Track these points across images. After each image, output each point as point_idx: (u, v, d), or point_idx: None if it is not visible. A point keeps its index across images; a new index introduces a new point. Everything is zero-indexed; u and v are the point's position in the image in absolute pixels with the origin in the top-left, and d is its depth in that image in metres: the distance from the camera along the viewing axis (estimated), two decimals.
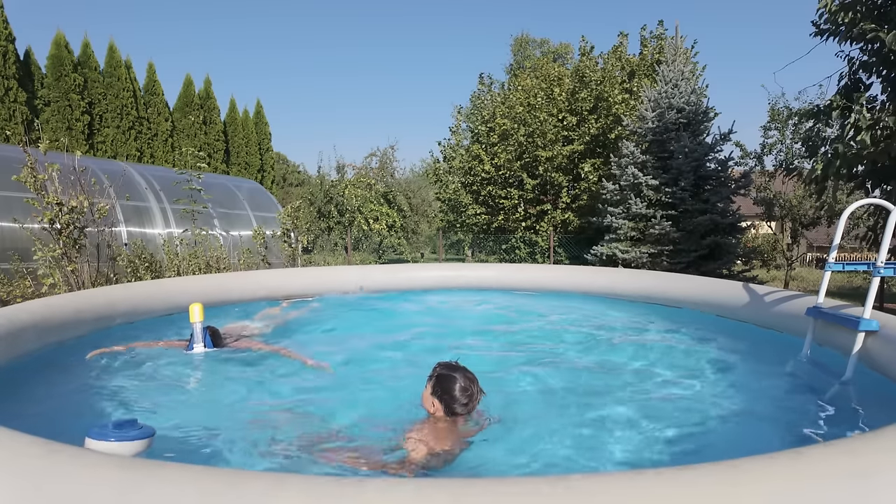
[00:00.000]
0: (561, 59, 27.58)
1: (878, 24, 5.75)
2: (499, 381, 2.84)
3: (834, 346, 2.86)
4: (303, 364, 3.06)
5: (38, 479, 0.99)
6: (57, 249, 5.06)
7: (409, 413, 2.19)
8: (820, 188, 6.98)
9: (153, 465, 0.99)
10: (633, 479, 0.96)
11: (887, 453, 1.12)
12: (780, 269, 15.02)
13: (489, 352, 3.63)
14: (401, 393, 2.48)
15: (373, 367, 3.20)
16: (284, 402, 2.59)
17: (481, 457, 1.92)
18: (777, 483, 0.98)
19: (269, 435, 2.06)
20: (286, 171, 29.26)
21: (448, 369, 2.08)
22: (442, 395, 2.02)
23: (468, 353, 3.33)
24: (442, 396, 2.02)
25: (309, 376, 2.94)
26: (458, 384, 2.02)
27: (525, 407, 2.51)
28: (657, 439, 2.12)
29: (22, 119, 12.16)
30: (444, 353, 3.07)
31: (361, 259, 16.74)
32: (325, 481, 0.95)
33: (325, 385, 2.84)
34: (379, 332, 4.13)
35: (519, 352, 3.66)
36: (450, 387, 2.02)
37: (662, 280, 5.05)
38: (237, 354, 3.24)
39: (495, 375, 2.78)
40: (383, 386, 2.82)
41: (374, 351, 3.53)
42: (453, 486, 0.96)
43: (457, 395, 2.01)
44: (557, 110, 15.29)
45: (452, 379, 2.04)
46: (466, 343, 3.82)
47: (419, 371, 2.31)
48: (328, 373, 2.96)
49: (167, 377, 2.85)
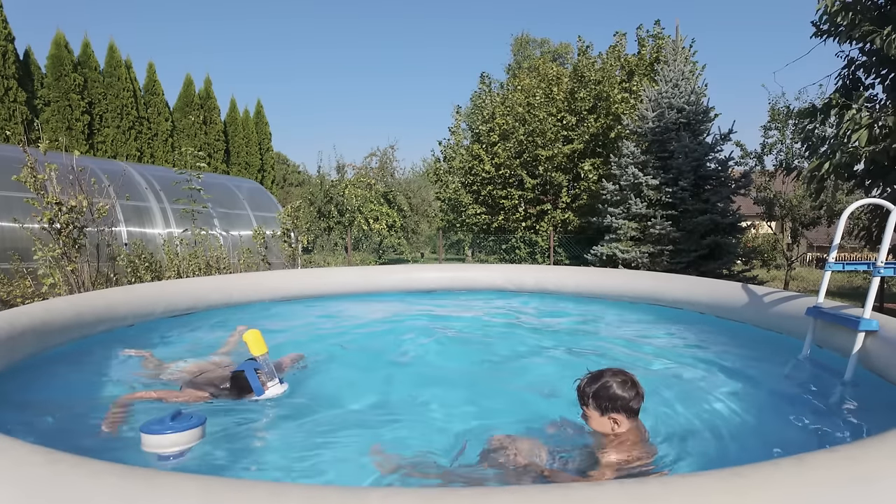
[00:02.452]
0: (561, 58, 27.58)
1: (878, 25, 5.74)
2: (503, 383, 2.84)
3: (834, 346, 2.86)
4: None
5: (39, 489, 0.99)
6: (57, 249, 5.05)
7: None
8: (818, 187, 6.97)
9: (154, 475, 0.99)
10: (638, 488, 0.96)
11: (890, 459, 1.11)
12: (780, 269, 15.02)
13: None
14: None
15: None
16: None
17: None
18: (781, 490, 0.98)
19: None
20: (286, 171, 29.25)
21: (593, 382, 1.88)
22: (613, 403, 1.82)
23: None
24: (614, 405, 1.82)
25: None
26: (614, 383, 1.84)
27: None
28: (658, 441, 2.11)
29: (22, 119, 12.14)
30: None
31: (361, 259, 16.73)
32: (327, 490, 0.95)
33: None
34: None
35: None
36: (612, 393, 1.82)
37: (662, 280, 5.05)
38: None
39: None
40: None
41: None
42: (457, 495, 0.96)
43: (625, 394, 1.82)
44: (557, 110, 15.29)
45: (606, 385, 1.84)
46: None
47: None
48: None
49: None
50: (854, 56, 6.60)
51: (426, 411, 2.50)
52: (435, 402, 2.59)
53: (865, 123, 5.74)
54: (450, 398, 2.65)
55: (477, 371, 3.23)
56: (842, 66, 6.75)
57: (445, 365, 3.39)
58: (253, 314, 4.76)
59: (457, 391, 2.77)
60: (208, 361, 2.92)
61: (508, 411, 2.48)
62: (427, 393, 2.71)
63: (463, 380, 3.00)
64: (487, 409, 2.52)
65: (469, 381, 2.97)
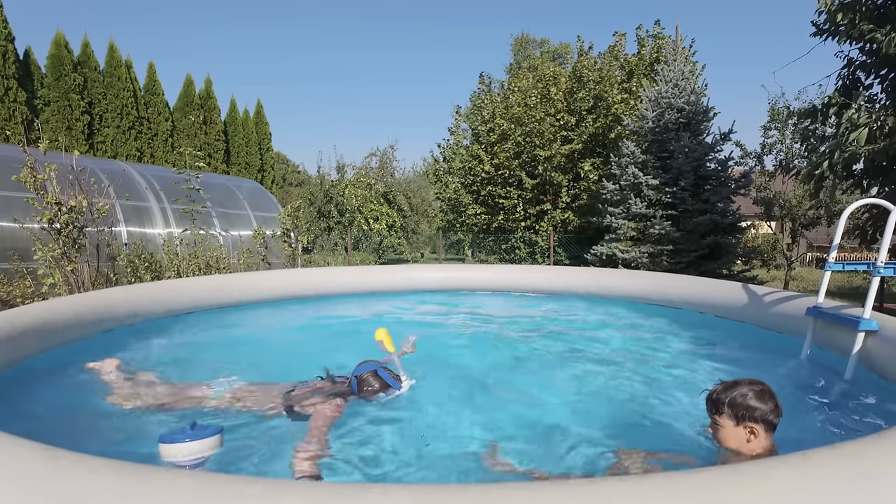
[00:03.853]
0: (560, 58, 27.58)
1: (878, 25, 5.74)
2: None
3: (834, 346, 2.85)
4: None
5: (37, 485, 0.98)
6: (56, 249, 5.05)
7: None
8: (818, 187, 6.97)
9: (151, 471, 0.98)
10: (641, 484, 0.96)
11: (892, 456, 1.11)
12: (779, 269, 15.02)
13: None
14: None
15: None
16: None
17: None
18: (783, 486, 0.98)
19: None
20: (286, 171, 29.26)
21: (729, 390, 1.78)
22: (751, 413, 1.71)
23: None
24: (752, 415, 1.71)
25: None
26: (751, 392, 1.73)
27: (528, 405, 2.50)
28: (657, 441, 2.11)
29: (22, 119, 12.14)
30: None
31: (361, 259, 16.73)
32: (325, 486, 0.95)
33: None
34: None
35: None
36: (751, 402, 1.72)
37: (661, 280, 5.05)
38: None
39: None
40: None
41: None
42: (456, 491, 0.96)
43: (764, 405, 1.71)
44: (555, 110, 15.28)
45: (743, 394, 1.73)
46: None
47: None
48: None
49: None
50: (854, 56, 6.60)
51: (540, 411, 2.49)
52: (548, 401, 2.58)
53: (864, 123, 5.74)
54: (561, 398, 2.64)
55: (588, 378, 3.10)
56: (841, 66, 6.76)
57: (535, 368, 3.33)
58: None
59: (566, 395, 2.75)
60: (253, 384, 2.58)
61: (633, 425, 2.40)
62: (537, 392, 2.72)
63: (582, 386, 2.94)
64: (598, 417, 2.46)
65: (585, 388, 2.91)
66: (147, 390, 2.49)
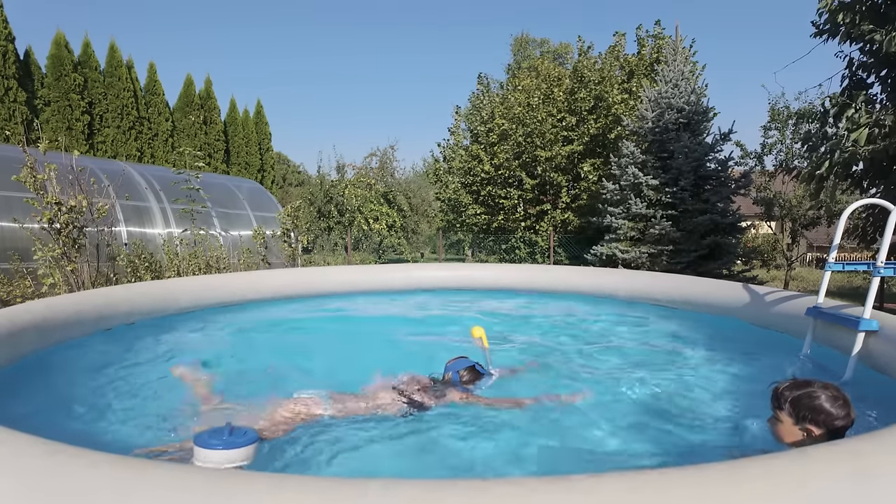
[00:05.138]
0: (561, 58, 27.57)
1: (878, 25, 5.75)
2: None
3: (834, 346, 2.85)
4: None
5: (38, 479, 0.98)
6: (56, 249, 5.05)
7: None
8: (818, 187, 6.97)
9: (153, 466, 0.99)
10: (638, 480, 0.96)
11: (890, 454, 1.11)
12: (779, 269, 15.02)
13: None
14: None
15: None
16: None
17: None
18: (781, 483, 0.98)
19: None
20: (286, 171, 29.26)
21: (796, 387, 1.72)
22: (814, 415, 1.65)
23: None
24: (815, 417, 1.65)
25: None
26: (823, 395, 1.67)
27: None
28: (658, 440, 2.11)
29: (22, 119, 12.14)
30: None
31: (361, 259, 16.73)
32: (325, 481, 0.95)
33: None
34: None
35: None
36: (818, 404, 1.65)
37: (660, 280, 5.05)
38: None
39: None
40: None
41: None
42: (456, 485, 0.96)
43: (833, 410, 1.64)
44: (557, 110, 15.28)
45: (811, 394, 1.67)
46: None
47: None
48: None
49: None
50: (854, 56, 6.61)
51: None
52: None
53: (864, 123, 5.74)
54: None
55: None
56: (843, 67, 6.77)
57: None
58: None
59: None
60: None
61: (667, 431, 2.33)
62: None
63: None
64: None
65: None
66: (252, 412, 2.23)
